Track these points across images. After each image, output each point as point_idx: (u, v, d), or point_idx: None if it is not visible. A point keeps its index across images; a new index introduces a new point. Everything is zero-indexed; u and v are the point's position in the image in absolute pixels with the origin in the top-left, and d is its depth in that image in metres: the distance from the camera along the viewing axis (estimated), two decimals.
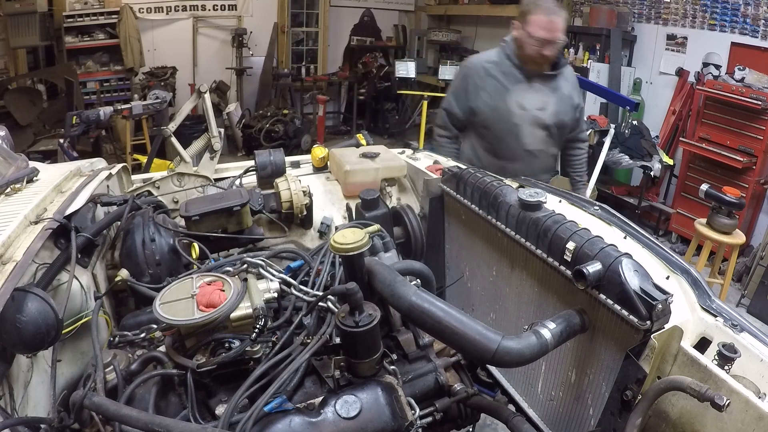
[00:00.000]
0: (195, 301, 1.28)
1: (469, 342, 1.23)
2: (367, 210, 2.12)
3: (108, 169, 2.00)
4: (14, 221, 1.35)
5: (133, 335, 1.42)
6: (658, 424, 1.36)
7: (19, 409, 1.15)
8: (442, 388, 1.42)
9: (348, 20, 9.83)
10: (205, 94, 3.61)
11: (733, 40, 5.61)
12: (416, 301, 1.27)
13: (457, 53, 9.32)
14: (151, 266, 1.65)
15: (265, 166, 2.23)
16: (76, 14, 7.36)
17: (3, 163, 1.69)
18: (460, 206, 2.05)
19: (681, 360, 1.31)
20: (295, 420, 1.17)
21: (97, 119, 3.92)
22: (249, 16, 8.92)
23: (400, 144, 2.93)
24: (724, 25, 5.66)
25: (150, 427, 1.01)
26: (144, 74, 8.00)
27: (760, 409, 1.12)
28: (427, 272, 1.62)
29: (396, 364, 1.39)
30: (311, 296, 1.44)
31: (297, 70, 9.60)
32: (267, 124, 7.59)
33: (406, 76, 7.95)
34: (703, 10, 5.87)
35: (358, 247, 1.33)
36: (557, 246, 1.57)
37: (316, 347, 1.31)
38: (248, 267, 1.46)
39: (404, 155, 2.63)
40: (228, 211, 1.82)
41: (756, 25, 5.38)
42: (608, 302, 1.40)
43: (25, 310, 1.13)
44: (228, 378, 1.28)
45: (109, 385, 1.23)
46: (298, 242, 2.19)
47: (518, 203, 1.74)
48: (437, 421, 1.38)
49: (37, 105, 6.97)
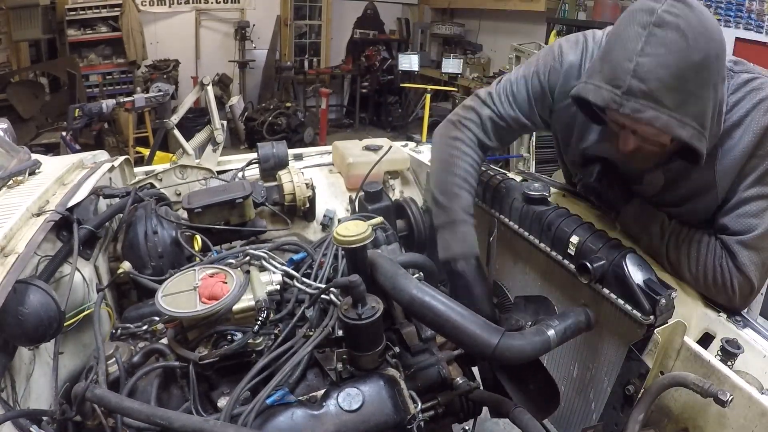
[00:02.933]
0: (197, 293, 1.28)
1: (469, 336, 1.23)
2: (370, 202, 2.12)
3: (110, 162, 2.00)
4: (16, 213, 1.34)
5: (136, 327, 1.42)
6: (660, 419, 1.36)
7: (21, 401, 1.15)
8: (444, 381, 1.41)
9: (351, 13, 9.78)
10: (208, 86, 3.62)
11: (738, 35, 5.57)
12: (417, 294, 1.27)
13: (460, 47, 9.28)
14: (154, 258, 1.64)
15: (268, 159, 2.22)
16: (78, 7, 7.32)
17: (5, 155, 1.69)
18: None
19: (684, 355, 1.30)
20: (297, 413, 1.17)
21: (99, 112, 3.91)
22: (252, 8, 8.88)
23: (403, 137, 2.93)
24: (729, 21, 5.62)
25: (152, 419, 1.01)
26: (146, 67, 7.99)
27: (763, 405, 1.12)
28: (429, 265, 1.62)
29: (398, 357, 1.38)
30: (314, 289, 1.44)
31: (300, 63, 9.57)
32: (270, 117, 7.58)
33: (410, 69, 7.91)
34: (708, 5, 5.81)
35: (361, 239, 1.32)
36: (561, 240, 1.56)
37: (319, 340, 1.30)
38: (251, 259, 1.46)
39: (407, 148, 2.62)
40: (231, 203, 1.82)
41: (761, 21, 5.33)
42: (611, 297, 1.40)
43: (27, 302, 1.13)
44: (230, 370, 1.28)
45: (111, 378, 1.23)
46: (300, 234, 2.19)
47: (522, 197, 1.73)
48: (439, 414, 1.37)
49: (39, 98, 6.97)
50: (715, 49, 1.18)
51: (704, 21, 1.17)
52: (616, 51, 1.23)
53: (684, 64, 1.15)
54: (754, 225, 1.35)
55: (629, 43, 1.19)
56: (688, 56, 1.15)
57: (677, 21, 1.15)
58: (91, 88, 7.43)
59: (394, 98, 9.61)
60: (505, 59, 6.87)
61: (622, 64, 1.20)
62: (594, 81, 1.28)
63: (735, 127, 1.33)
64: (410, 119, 9.40)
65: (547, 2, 7.39)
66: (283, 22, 9.11)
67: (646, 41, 1.16)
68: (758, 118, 1.31)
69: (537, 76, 1.61)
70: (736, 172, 1.35)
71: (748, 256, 1.35)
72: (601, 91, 1.24)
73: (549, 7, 7.40)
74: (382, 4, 9.92)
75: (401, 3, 10.36)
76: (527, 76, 1.63)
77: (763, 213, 1.35)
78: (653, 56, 1.16)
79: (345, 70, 9.77)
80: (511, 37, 7.28)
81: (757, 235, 1.35)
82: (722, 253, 1.40)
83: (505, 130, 1.70)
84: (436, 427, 1.41)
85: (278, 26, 9.02)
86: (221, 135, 3.35)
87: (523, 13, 7.80)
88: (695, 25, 1.15)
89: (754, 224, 1.35)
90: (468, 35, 9.48)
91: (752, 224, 1.35)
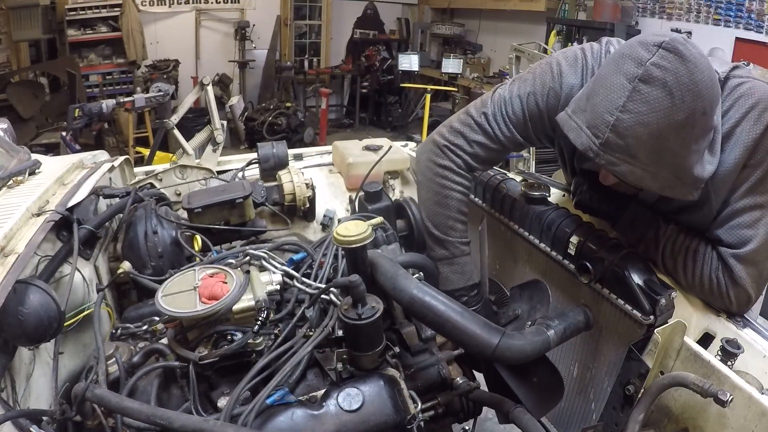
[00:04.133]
0: (197, 293, 1.28)
1: (470, 337, 1.23)
2: (370, 202, 2.12)
3: (110, 162, 2.00)
4: (16, 213, 1.34)
5: (136, 327, 1.42)
6: (660, 419, 1.36)
7: (21, 401, 1.15)
8: (444, 381, 1.41)
9: (351, 13, 9.78)
10: (208, 86, 3.61)
11: (738, 35, 5.57)
12: (418, 294, 1.27)
13: (460, 47, 9.28)
14: (154, 258, 1.64)
15: (268, 159, 2.22)
16: (78, 7, 7.32)
17: (5, 155, 1.69)
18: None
19: (684, 355, 1.30)
20: (297, 413, 1.17)
21: (99, 112, 3.91)
22: (252, 8, 8.88)
23: (403, 137, 2.93)
24: (729, 20, 5.62)
25: (152, 419, 1.01)
26: (146, 67, 7.98)
27: (763, 405, 1.12)
28: (430, 265, 1.62)
29: (398, 357, 1.38)
30: (314, 289, 1.44)
31: (300, 63, 9.56)
32: (270, 117, 7.57)
33: (409, 69, 7.92)
34: (708, 5, 5.82)
35: (361, 239, 1.32)
36: (561, 240, 1.56)
37: (319, 340, 1.30)
38: (251, 259, 1.46)
39: (407, 148, 2.62)
40: (231, 203, 1.82)
41: (761, 21, 5.33)
42: (612, 297, 1.40)
43: (27, 302, 1.13)
44: (230, 370, 1.28)
45: (111, 378, 1.23)
46: (300, 234, 2.19)
47: (522, 197, 1.73)
48: (439, 414, 1.37)
49: (39, 98, 6.96)
50: (703, 106, 1.12)
51: (695, 75, 1.10)
52: (599, 97, 1.19)
53: (665, 124, 1.11)
54: (748, 237, 1.32)
55: (612, 93, 1.16)
56: (670, 115, 1.11)
57: (664, 77, 1.10)
58: (91, 88, 7.43)
59: (394, 98, 9.61)
60: (505, 59, 6.86)
61: (603, 116, 1.17)
62: (577, 119, 1.25)
63: (726, 139, 1.30)
64: (410, 119, 9.40)
65: (547, 2, 7.39)
66: (283, 22, 9.11)
67: (629, 97, 1.13)
68: (748, 129, 1.28)
69: (534, 98, 1.53)
70: (730, 185, 1.32)
71: (744, 269, 1.33)
72: (582, 135, 1.22)
73: (549, 7, 7.40)
74: (382, 4, 9.91)
75: (401, 3, 10.36)
76: (522, 96, 1.54)
77: (756, 224, 1.32)
78: (634, 114, 1.12)
79: (345, 70, 9.77)
80: (511, 37, 7.28)
81: (753, 249, 1.32)
82: (718, 264, 1.37)
83: (497, 151, 1.63)
84: (436, 427, 1.41)
85: (278, 26, 9.02)
86: (221, 135, 3.35)
87: (523, 13, 7.80)
88: (685, 81, 1.10)
89: (748, 236, 1.32)
90: (468, 35, 9.48)
91: (746, 236, 1.32)
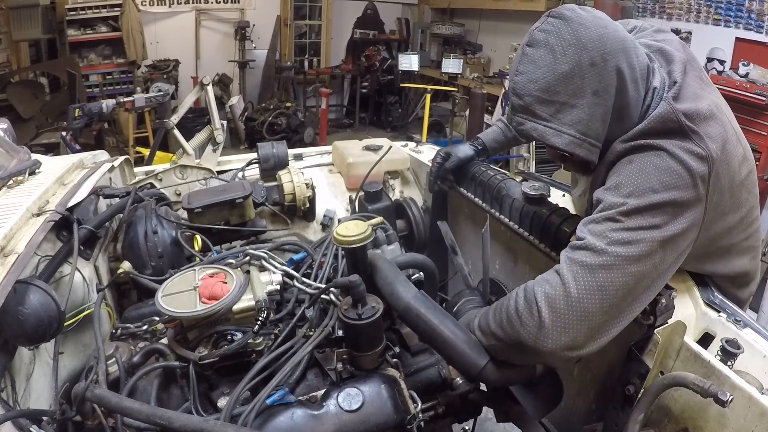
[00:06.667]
0: (197, 293, 1.28)
1: (458, 354, 1.24)
2: (370, 202, 2.12)
3: (110, 162, 2.00)
4: (16, 213, 1.34)
5: (136, 327, 1.42)
6: (660, 419, 1.35)
7: (21, 401, 1.15)
8: (444, 381, 1.41)
9: (351, 13, 9.78)
10: (208, 86, 3.61)
11: (738, 35, 5.56)
12: (414, 304, 1.27)
13: (460, 46, 9.27)
14: (154, 258, 1.65)
15: (268, 159, 2.23)
16: (78, 7, 7.32)
17: (5, 155, 1.69)
18: (463, 199, 2.05)
19: (684, 355, 1.30)
20: (297, 412, 1.17)
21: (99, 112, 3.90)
22: (252, 8, 8.88)
23: (403, 137, 2.93)
24: (729, 20, 5.61)
25: (152, 419, 1.01)
26: (146, 67, 7.98)
27: (763, 405, 1.11)
28: (430, 265, 1.62)
29: (398, 357, 1.38)
30: (314, 289, 1.44)
31: (300, 63, 9.56)
32: (270, 117, 7.57)
33: (410, 69, 7.90)
34: (708, 5, 5.81)
35: (361, 239, 1.32)
36: (561, 240, 1.56)
37: (319, 340, 1.31)
38: (251, 259, 1.46)
39: (407, 148, 2.62)
40: (231, 203, 1.82)
41: (761, 21, 5.33)
42: None
43: (27, 302, 1.13)
44: (230, 370, 1.29)
45: (111, 378, 1.23)
46: (300, 234, 2.19)
47: (522, 197, 1.73)
48: (439, 414, 1.37)
49: (39, 98, 6.96)
50: (590, 57, 1.18)
51: (579, 31, 1.18)
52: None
53: (551, 77, 1.19)
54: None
55: (513, 64, 1.29)
56: (554, 69, 1.19)
57: (546, 37, 1.20)
58: (91, 88, 7.43)
59: (394, 98, 9.61)
60: (505, 59, 6.86)
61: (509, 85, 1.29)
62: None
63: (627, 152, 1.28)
64: (410, 119, 9.39)
65: (547, 2, 7.39)
66: (283, 22, 9.11)
67: (520, 61, 1.24)
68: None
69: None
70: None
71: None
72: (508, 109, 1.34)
73: (549, 7, 7.35)
74: (382, 4, 9.91)
75: (401, 3, 10.36)
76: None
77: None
78: (524, 74, 1.23)
79: (345, 70, 9.76)
80: (511, 37, 7.28)
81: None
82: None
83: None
84: (436, 427, 1.41)
85: (278, 26, 9.02)
86: (221, 135, 3.34)
87: (523, 13, 7.78)
88: (566, 37, 1.18)
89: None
90: (468, 35, 9.47)
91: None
